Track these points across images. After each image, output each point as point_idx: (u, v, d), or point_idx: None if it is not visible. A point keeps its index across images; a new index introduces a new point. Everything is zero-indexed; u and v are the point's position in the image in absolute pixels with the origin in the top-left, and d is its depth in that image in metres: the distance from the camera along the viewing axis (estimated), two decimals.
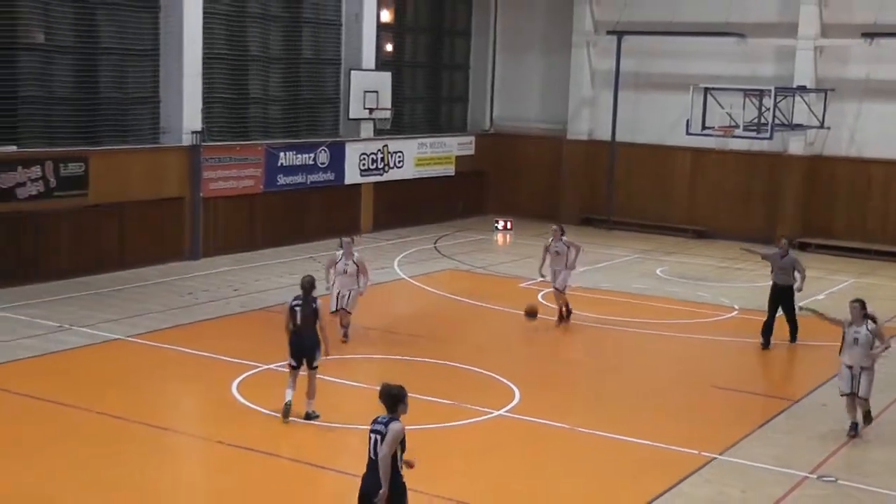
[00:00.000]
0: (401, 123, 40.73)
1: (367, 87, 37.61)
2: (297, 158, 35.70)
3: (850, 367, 17.52)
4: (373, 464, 11.54)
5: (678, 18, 38.76)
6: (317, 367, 18.45)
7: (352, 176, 37.85)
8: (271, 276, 30.49)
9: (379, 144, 38.83)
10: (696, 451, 17.21)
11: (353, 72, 37.42)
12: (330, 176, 36.99)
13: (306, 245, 35.17)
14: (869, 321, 17.60)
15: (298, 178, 35.90)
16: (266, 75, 36.22)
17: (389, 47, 40.67)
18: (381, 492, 11.31)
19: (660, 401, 20.46)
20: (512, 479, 16.16)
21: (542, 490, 15.78)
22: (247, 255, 33.27)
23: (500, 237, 39.49)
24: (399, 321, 26.35)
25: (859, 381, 17.33)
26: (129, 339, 23.34)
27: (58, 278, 28.26)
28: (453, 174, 42.30)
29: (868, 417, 17.66)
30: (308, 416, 18.36)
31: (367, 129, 38.58)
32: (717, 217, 39.17)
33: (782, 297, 23.68)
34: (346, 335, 22.77)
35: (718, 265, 33.64)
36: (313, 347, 18.27)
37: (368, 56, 38.17)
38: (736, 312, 27.05)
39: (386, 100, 38.22)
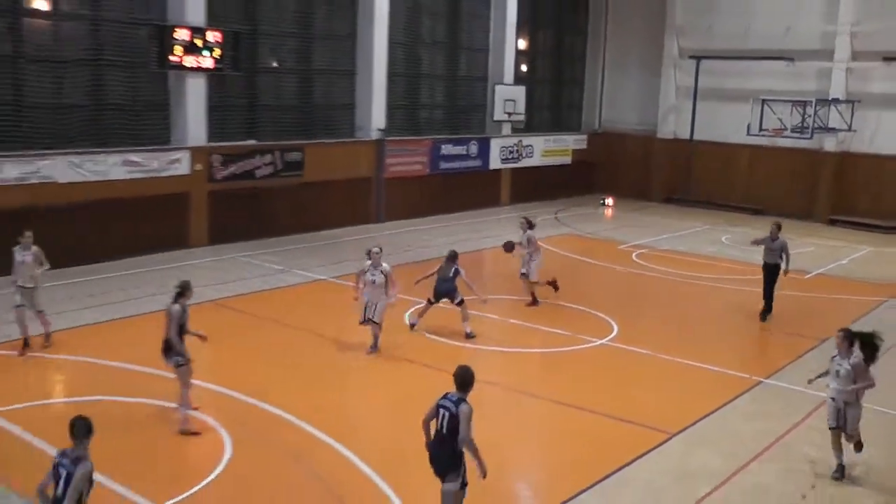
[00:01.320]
0: (531, 124, 40.99)
1: (507, 97, 37.96)
2: (454, 149, 36.23)
3: (834, 400, 13.10)
4: (438, 437, 10.28)
5: (743, 46, 38.60)
6: (461, 301, 19.49)
7: (494, 163, 38.18)
8: (434, 236, 30.88)
9: (515, 140, 39.20)
10: (747, 375, 17.30)
11: (497, 86, 37.85)
12: (478, 163, 37.36)
13: (461, 214, 35.57)
14: (854, 354, 13.00)
15: (455, 164, 36.35)
16: (432, 87, 36.99)
17: (524, 67, 40.91)
18: (481, 469, 10.25)
19: (722, 337, 20.42)
20: (609, 390, 16.40)
21: (630, 399, 15.94)
22: (416, 220, 33.69)
23: (604, 211, 39.45)
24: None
25: (845, 416, 13.05)
26: (331, 279, 24.01)
27: (280, 235, 29.22)
28: (569, 162, 42.44)
29: (859, 446, 13.32)
30: (468, 336, 19.17)
31: (506, 129, 38.89)
32: (769, 198, 38.83)
33: (769, 274, 21.46)
34: (374, 346, 17.99)
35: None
36: (451, 291, 19.56)
37: (508, 74, 38.50)
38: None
39: (521, 106, 38.50)
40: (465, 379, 10.26)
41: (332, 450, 13.15)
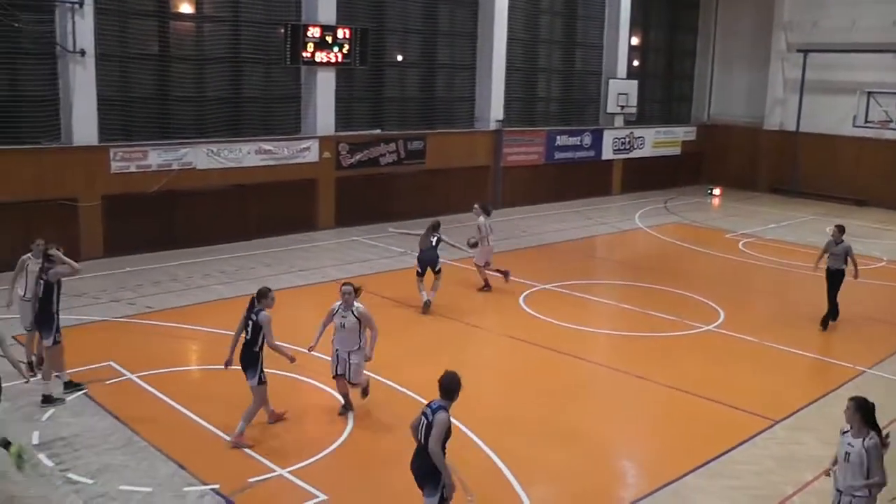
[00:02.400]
0: (643, 117, 40.27)
1: (620, 91, 37.53)
2: (568, 140, 35.96)
3: (840, 493, 9.16)
4: (420, 446, 9.44)
5: (849, 39, 37.20)
6: (439, 271, 19.72)
7: (607, 153, 37.76)
8: (548, 223, 30.74)
9: (627, 131, 38.65)
10: (851, 365, 16.75)
11: (610, 80, 37.43)
12: (591, 153, 37.00)
13: (574, 202, 35.26)
14: (869, 435, 8.98)
15: (569, 154, 36.06)
16: (548, 81, 36.72)
17: (636, 62, 40.28)
18: (444, 482, 9.22)
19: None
20: (715, 375, 16.05)
21: (735, 384, 15.60)
22: (531, 207, 33.58)
23: (712, 200, 38.65)
24: (637, 258, 26.38)
25: None
26: (449, 262, 23.62)
27: (402, 219, 29.15)
28: (679, 153, 41.72)
29: None
30: (426, 304, 19.29)
31: (618, 121, 38.39)
32: (873, 189, 37.52)
33: (832, 280, 19.39)
34: (345, 407, 13.70)
35: (872, 226, 32.32)
36: (434, 260, 19.68)
37: (622, 68, 38.02)
38: (884, 263, 26.11)
39: (633, 100, 37.96)
40: (448, 386, 9.35)
41: None
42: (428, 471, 9.25)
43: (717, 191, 39.99)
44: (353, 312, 13.32)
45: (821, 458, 12.39)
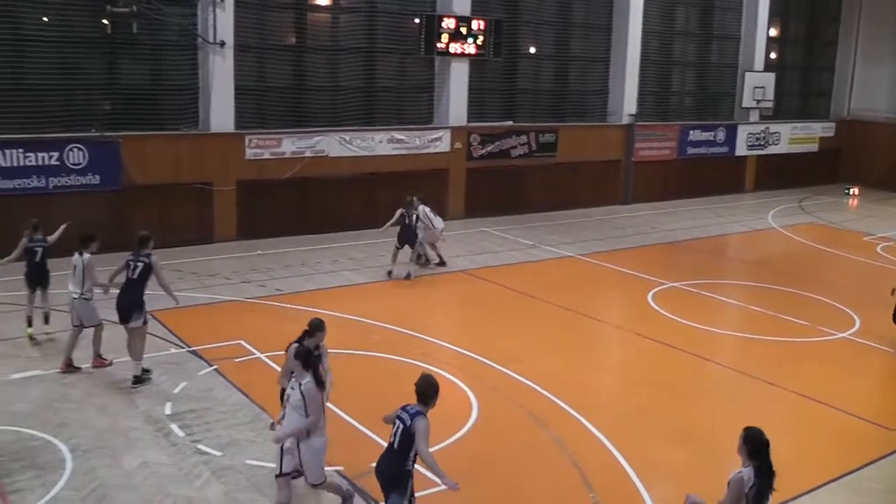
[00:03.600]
0: (779, 111, 39.02)
1: (756, 84, 36.48)
2: (701, 135, 35.19)
3: None
4: (390, 449, 8.85)
5: None
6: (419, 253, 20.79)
7: (741, 149, 36.76)
8: (679, 220, 30.15)
9: (762, 127, 37.53)
10: None
11: (746, 73, 36.47)
12: (725, 149, 36.07)
13: (705, 199, 34.44)
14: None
15: (701, 150, 35.25)
16: (683, 75, 35.99)
17: (773, 54, 39.11)
18: (446, 484, 8.36)
19: None
20: (848, 385, 15.25)
21: (870, 397, 15.01)
22: (662, 203, 32.96)
23: (849, 201, 37.12)
24: (769, 258, 25.56)
25: None
26: (578, 256, 23.85)
27: (531, 212, 29.39)
28: (816, 150, 40.21)
29: None
30: (407, 276, 20.38)
31: (753, 115, 37.32)
32: None
33: None
34: None
35: None
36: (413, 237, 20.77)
37: (759, 61, 36.99)
38: None
39: (769, 93, 36.82)
40: (425, 390, 8.88)
41: (572, 418, 12.99)
42: (397, 475, 8.84)
43: (854, 191, 38.41)
44: (301, 387, 9.52)
45: None
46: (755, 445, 7.84)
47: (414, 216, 20.71)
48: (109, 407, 12.94)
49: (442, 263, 22.18)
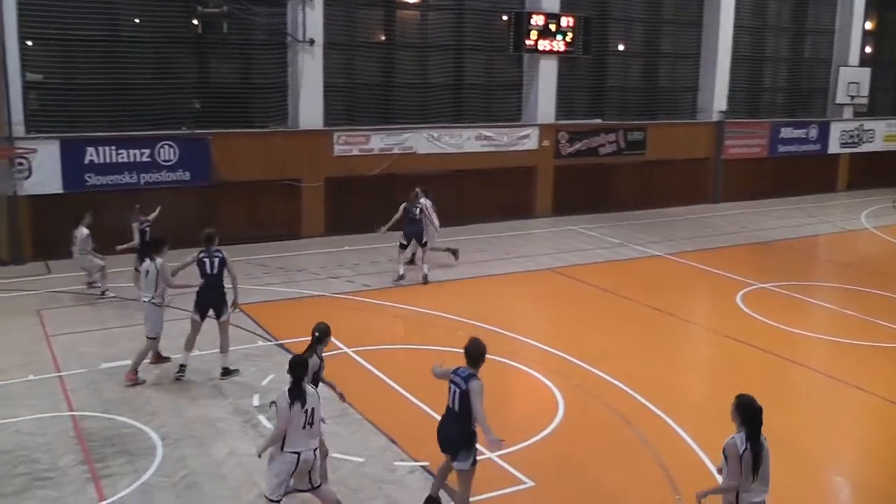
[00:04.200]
0: (874, 108, 37.70)
1: (851, 80, 35.44)
2: (793, 133, 34.43)
3: None
4: (449, 414, 9.43)
5: None
6: (426, 244, 19.91)
7: (833, 147, 35.84)
8: (768, 219, 29.51)
9: (856, 124, 36.53)
10: None
11: (841, 68, 35.54)
12: (817, 147, 35.20)
13: (796, 198, 33.62)
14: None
15: (793, 148, 34.50)
16: (775, 70, 35.25)
17: (868, 49, 37.91)
18: (492, 443, 9.04)
19: None
20: None
21: None
22: (752, 202, 32.37)
23: None
24: (861, 260, 24.61)
25: None
26: (666, 255, 23.56)
27: (619, 210, 29.24)
28: None
29: None
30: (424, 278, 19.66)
31: (847, 112, 36.35)
32: None
33: None
34: None
35: None
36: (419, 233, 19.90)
37: (854, 55, 35.98)
38: None
39: (864, 89, 35.66)
40: (474, 353, 9.45)
41: (658, 418, 12.76)
42: (463, 436, 9.31)
43: None
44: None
45: None
46: (747, 412, 8.09)
47: (417, 210, 20.17)
48: (199, 397, 13.16)
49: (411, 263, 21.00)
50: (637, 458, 11.61)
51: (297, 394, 8.99)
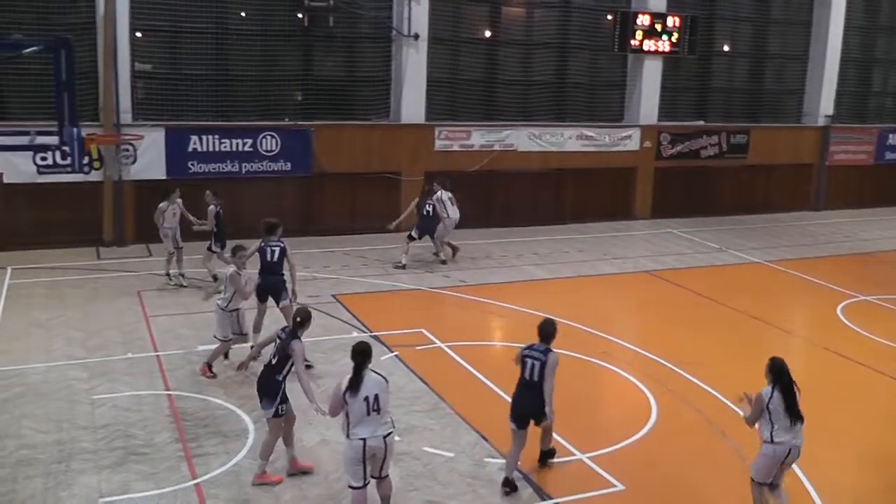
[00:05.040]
0: None
1: None
2: None
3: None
4: (528, 384, 10.30)
5: None
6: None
7: None
8: (873, 229, 28.51)
9: None
10: None
11: None
12: None
13: None
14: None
15: None
16: (885, 73, 33.62)
17: None
18: (549, 418, 10.33)
19: None
20: None
21: None
22: (856, 211, 31.32)
23: None
24: None
25: None
26: (766, 262, 23.00)
27: (720, 214, 28.63)
28: None
29: None
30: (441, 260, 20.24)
31: None
32: None
33: None
34: None
35: None
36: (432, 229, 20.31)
37: None
38: None
39: None
40: (546, 331, 10.51)
41: (752, 430, 12.37)
42: (540, 403, 10.21)
43: None
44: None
45: None
46: (775, 372, 10.03)
47: (430, 206, 20.15)
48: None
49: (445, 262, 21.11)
50: (730, 470, 11.30)
51: (353, 381, 9.00)
